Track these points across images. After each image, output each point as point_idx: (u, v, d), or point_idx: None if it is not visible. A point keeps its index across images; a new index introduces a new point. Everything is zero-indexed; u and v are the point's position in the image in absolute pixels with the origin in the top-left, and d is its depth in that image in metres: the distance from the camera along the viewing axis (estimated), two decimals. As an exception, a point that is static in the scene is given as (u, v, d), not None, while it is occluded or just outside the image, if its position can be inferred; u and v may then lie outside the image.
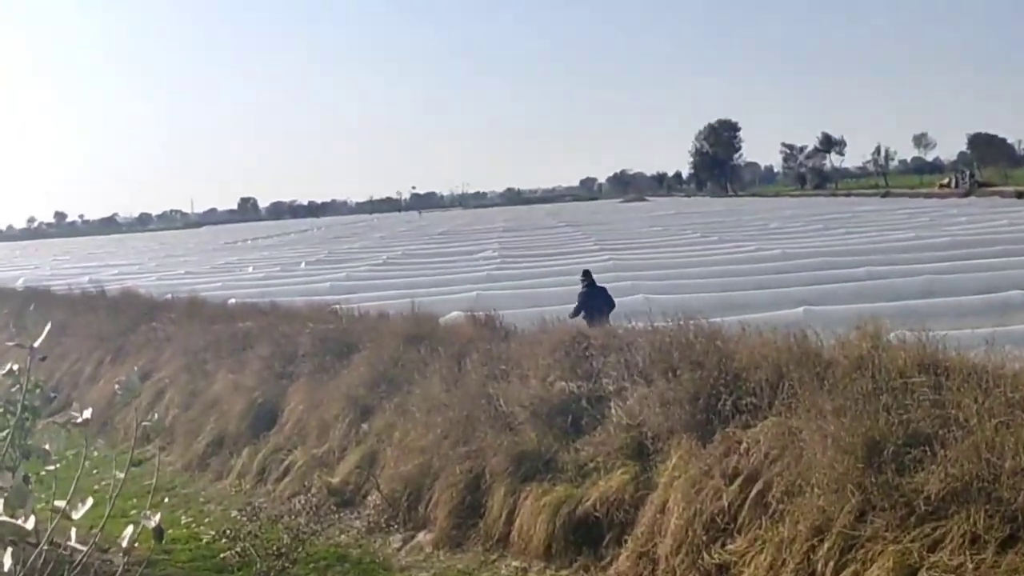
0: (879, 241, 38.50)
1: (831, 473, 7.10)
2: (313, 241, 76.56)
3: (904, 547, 6.46)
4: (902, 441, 7.00)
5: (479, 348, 12.11)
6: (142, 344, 18.73)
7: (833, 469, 7.09)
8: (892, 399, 7.37)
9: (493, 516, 9.71)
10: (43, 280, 37.96)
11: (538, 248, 47.96)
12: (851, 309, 17.43)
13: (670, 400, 9.06)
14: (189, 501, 12.40)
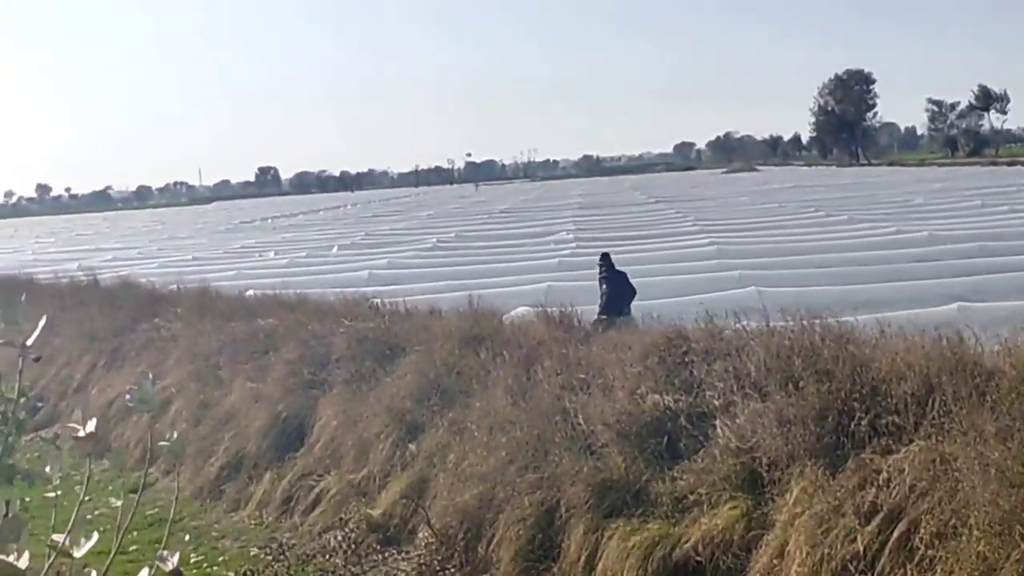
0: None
1: (994, 511, 7.00)
2: (347, 220, 77.21)
3: (1088, 605, 6.36)
4: (1086, 472, 6.89)
5: (552, 352, 12.13)
6: (143, 345, 19.04)
7: (996, 506, 6.99)
8: (1072, 420, 7.25)
9: (570, 559, 9.72)
10: (24, 267, 38.75)
11: (622, 230, 47.80)
12: (1018, 306, 17.14)
13: (791, 419, 8.99)
14: (200, 535, 12.58)
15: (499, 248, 42.07)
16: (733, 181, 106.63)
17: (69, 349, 19.96)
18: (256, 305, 18.90)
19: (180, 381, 16.18)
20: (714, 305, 13.47)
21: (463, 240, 47.63)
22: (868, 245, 33.40)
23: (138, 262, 45.40)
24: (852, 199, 59.60)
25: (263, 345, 16.10)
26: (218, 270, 36.69)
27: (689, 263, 30.54)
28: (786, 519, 8.48)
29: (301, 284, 23.32)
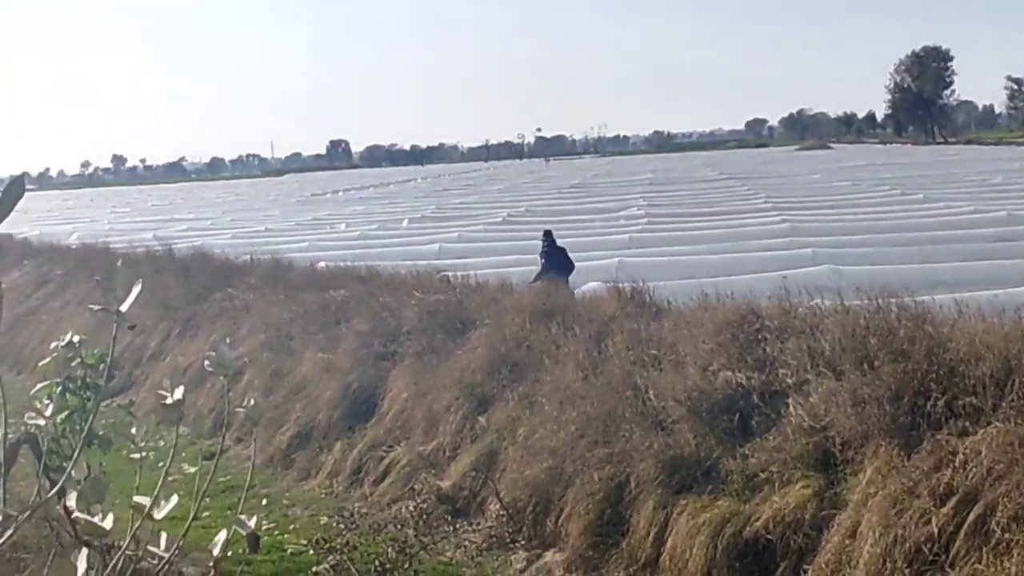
0: None
1: (1075, 496, 6.89)
2: (417, 193, 77.47)
3: None
4: None
5: (623, 328, 12.09)
6: (216, 315, 19.24)
7: (1077, 491, 6.88)
8: None
9: (639, 535, 9.71)
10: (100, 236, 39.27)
11: (694, 206, 47.58)
12: (1098, 288, 16.83)
13: (865, 398, 8.90)
14: (271, 503, 12.71)
15: (569, 223, 41.98)
16: (806, 158, 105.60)
17: (144, 318, 20.20)
18: (327, 276, 19.02)
19: (252, 351, 16.33)
20: (788, 282, 13.34)
21: (533, 214, 47.60)
22: (944, 224, 32.94)
23: (211, 233, 45.88)
24: (928, 177, 58.87)
25: (334, 316, 16.21)
26: (290, 241, 36.98)
27: (761, 240, 30.31)
28: (859, 499, 8.40)
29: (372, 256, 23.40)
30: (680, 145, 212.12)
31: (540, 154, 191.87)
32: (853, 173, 68.23)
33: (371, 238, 39.23)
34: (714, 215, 41.51)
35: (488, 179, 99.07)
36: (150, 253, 25.45)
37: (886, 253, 25.70)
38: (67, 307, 23.71)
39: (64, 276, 26.44)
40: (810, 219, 36.61)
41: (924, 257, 24.70)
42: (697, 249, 29.11)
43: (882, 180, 57.70)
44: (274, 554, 10.81)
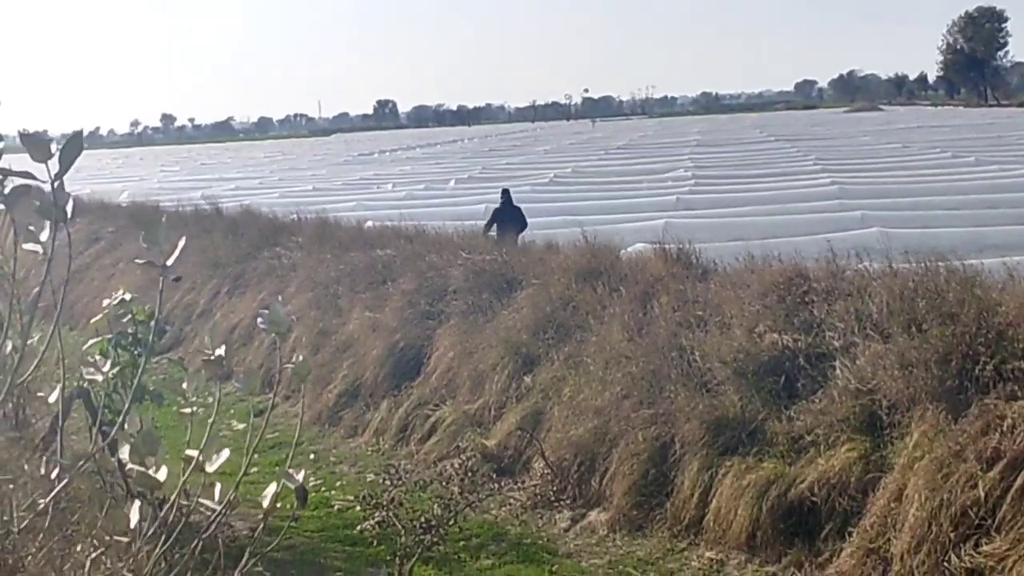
0: None
1: (1124, 461, 6.84)
2: (464, 154, 77.43)
3: None
4: None
5: (669, 289, 12.07)
6: (264, 273, 19.37)
7: None
8: None
9: (683, 495, 9.73)
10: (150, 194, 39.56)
11: (742, 167, 47.29)
12: None
13: (913, 361, 8.85)
14: (318, 460, 12.84)
15: (616, 184, 41.88)
16: (856, 120, 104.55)
17: (193, 275, 20.39)
18: (374, 236, 19.07)
19: (300, 309, 16.44)
20: (835, 245, 13.25)
21: (580, 175, 47.50)
22: (996, 187, 32.55)
23: (259, 192, 46.10)
24: (980, 140, 58.15)
25: (381, 275, 16.27)
26: (337, 201, 37.11)
27: (810, 203, 30.11)
28: (905, 463, 8.38)
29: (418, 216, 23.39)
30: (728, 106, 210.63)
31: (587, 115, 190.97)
32: (904, 135, 67.52)
33: (418, 198, 39.29)
34: (762, 177, 41.24)
35: (535, 140, 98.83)
36: (199, 212, 25.63)
37: (936, 216, 25.44)
38: (118, 264, 23.93)
39: (115, 234, 26.67)
40: (859, 181, 36.29)
41: (974, 221, 24.44)
42: (744, 211, 28.95)
43: (933, 142, 57.08)
44: (321, 510, 10.93)
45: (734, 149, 63.20)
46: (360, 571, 8.48)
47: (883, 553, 8.07)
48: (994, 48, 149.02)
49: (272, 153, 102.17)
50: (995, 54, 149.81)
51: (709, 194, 35.27)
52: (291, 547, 9.41)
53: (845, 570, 8.27)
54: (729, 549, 9.14)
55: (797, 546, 8.78)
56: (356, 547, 9.73)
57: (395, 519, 8.20)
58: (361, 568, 8.69)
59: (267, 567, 8.69)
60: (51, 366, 3.99)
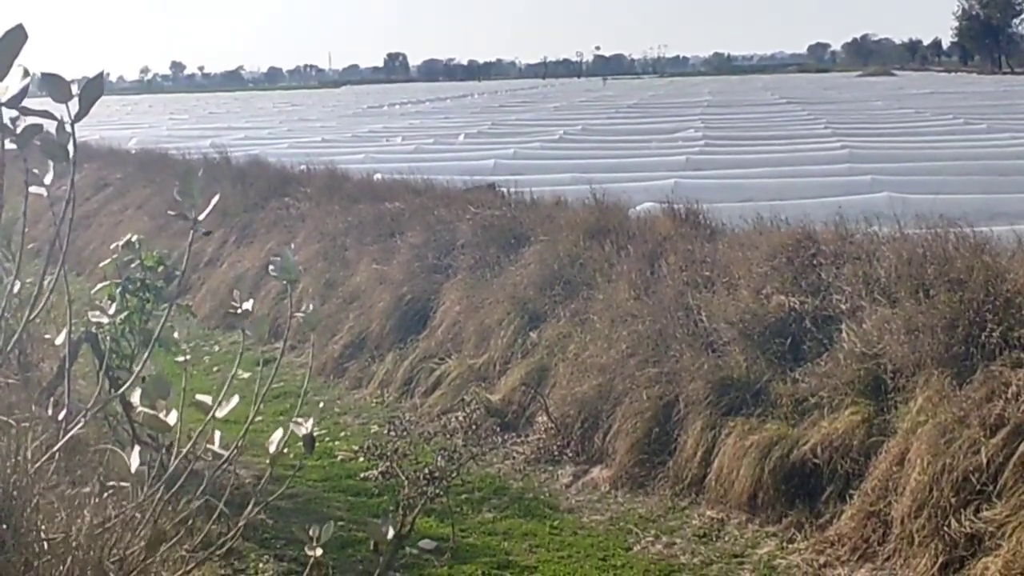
0: None
1: None
2: (474, 109, 77.10)
3: None
4: None
5: (677, 249, 12.06)
6: (272, 223, 19.37)
7: None
8: None
9: (686, 454, 9.77)
10: (159, 142, 39.43)
11: (753, 129, 47.01)
12: None
13: (919, 326, 8.86)
14: (323, 411, 12.88)
15: (626, 143, 41.67)
16: (868, 85, 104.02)
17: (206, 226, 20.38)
18: (383, 188, 19.05)
19: (307, 260, 16.43)
20: (845, 209, 13.21)
21: (590, 133, 47.29)
22: (1008, 155, 32.34)
23: (268, 142, 45.94)
24: (993, 107, 57.79)
25: (389, 228, 16.26)
26: (346, 152, 36.96)
27: (820, 166, 29.93)
28: (908, 427, 8.39)
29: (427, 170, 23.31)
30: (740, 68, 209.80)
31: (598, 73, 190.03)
32: (916, 101, 67.15)
33: (427, 151, 39.14)
34: (773, 139, 41.02)
35: (545, 97, 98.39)
36: (208, 160, 25.58)
37: (947, 182, 25.29)
38: (126, 211, 23.96)
39: (123, 180, 26.67)
40: (871, 146, 36.08)
41: (985, 188, 24.31)
42: (754, 173, 28.79)
43: (946, 109, 56.71)
44: (325, 460, 10.98)
45: (745, 111, 62.88)
46: (364, 521, 8.52)
47: (884, 516, 8.11)
48: (1009, 15, 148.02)
49: (281, 104, 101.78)
50: (1010, 21, 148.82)
51: (719, 155, 35.09)
52: (294, 496, 9.46)
53: (845, 532, 8.31)
54: (730, 509, 9.18)
55: (798, 507, 8.82)
56: (359, 497, 9.79)
57: (398, 470, 8.24)
58: (364, 518, 8.74)
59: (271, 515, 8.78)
60: (59, 310, 3.99)
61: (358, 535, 8.54)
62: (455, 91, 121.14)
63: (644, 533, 9.10)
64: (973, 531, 7.50)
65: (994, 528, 7.39)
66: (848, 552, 8.20)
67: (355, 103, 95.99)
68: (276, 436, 3.29)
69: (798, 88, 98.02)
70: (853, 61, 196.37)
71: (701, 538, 8.97)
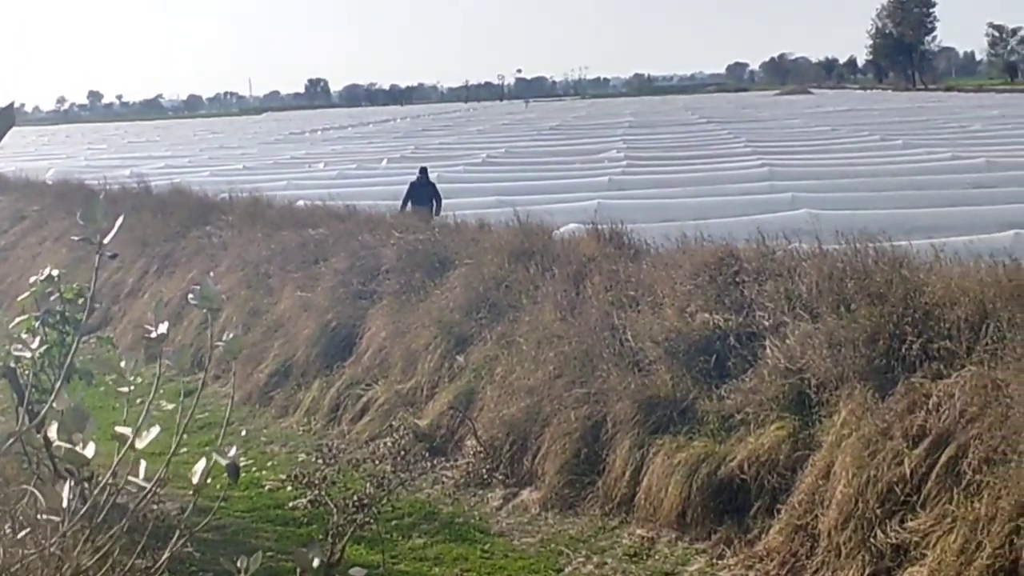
0: (1113, 151, 37.11)
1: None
2: (396, 134, 77.10)
3: None
4: None
5: (602, 269, 12.13)
6: (193, 252, 19.19)
7: (1048, 433, 6.97)
8: None
9: (615, 474, 9.80)
10: (76, 172, 38.96)
11: (674, 149, 47.52)
12: (1075, 236, 16.93)
13: (841, 340, 8.98)
14: (249, 440, 12.75)
15: (549, 165, 41.89)
16: (786, 103, 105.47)
17: (121, 254, 20.15)
18: (306, 215, 18.97)
19: (230, 288, 16.29)
20: (766, 227, 13.38)
21: (513, 156, 47.48)
22: (923, 170, 33.00)
23: (189, 170, 45.60)
24: (908, 123, 58.93)
25: (312, 255, 16.18)
26: (268, 179, 36.77)
27: (741, 184, 30.33)
28: (833, 440, 8.49)
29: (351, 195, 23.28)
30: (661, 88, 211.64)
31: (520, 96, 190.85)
32: (833, 118, 68.21)
33: (350, 177, 39.06)
34: (694, 159, 41.47)
35: (468, 120, 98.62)
36: (127, 190, 25.33)
37: (865, 198, 25.74)
38: (44, 243, 23.60)
39: (41, 212, 26.28)
40: (790, 163, 36.60)
41: (902, 203, 24.75)
42: (676, 192, 29.10)
43: (862, 125, 57.71)
44: (252, 490, 10.86)
45: (666, 131, 63.50)
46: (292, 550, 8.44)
47: (811, 529, 8.19)
48: (922, 33, 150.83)
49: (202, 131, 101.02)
50: (923, 39, 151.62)
51: (641, 175, 35.40)
52: (222, 527, 9.36)
53: (774, 547, 8.38)
54: (660, 527, 9.22)
55: (727, 523, 8.88)
56: (287, 527, 9.69)
57: (327, 498, 8.17)
58: (292, 547, 8.65)
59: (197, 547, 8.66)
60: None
61: (287, 565, 8.43)
62: (377, 116, 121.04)
63: (575, 554, 9.10)
64: (899, 541, 7.60)
65: (919, 538, 7.49)
66: (777, 566, 8.27)
67: (276, 129, 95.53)
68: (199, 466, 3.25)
69: (718, 107, 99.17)
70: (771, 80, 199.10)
71: (632, 557, 8.99)
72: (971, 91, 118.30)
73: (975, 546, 7.07)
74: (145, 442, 3.20)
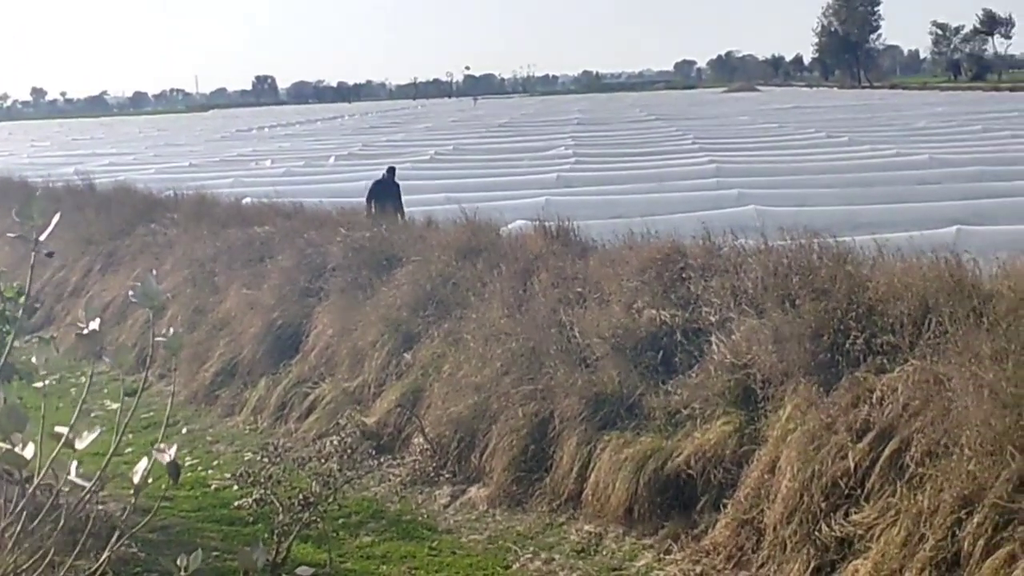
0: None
1: (986, 432, 7.06)
2: (344, 131, 76.87)
3: (1075, 525, 6.44)
4: (1079, 394, 6.93)
5: (549, 266, 12.14)
6: (138, 250, 19.03)
7: (989, 427, 7.06)
8: (1068, 342, 7.28)
9: (562, 470, 9.82)
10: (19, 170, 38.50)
11: (622, 146, 47.70)
12: (1016, 231, 17.17)
13: (786, 336, 9.04)
14: (194, 439, 12.69)
15: (497, 162, 41.94)
16: (734, 100, 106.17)
17: (65, 252, 19.92)
18: (252, 212, 18.86)
19: (176, 286, 16.17)
20: (713, 223, 13.45)
21: (461, 153, 47.48)
22: (868, 167, 33.35)
23: (134, 167, 45.22)
24: (853, 121, 59.47)
25: (259, 252, 16.08)
26: (214, 177, 36.53)
27: (688, 181, 30.50)
28: (778, 435, 8.56)
29: (297, 193, 23.23)
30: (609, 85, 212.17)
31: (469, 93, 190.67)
32: (780, 115, 68.78)
33: (297, 175, 38.91)
34: (642, 155, 41.64)
35: (416, 117, 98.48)
36: (71, 187, 25.07)
37: (810, 194, 25.97)
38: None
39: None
40: (737, 160, 36.85)
41: (847, 199, 25.00)
42: (624, 189, 29.20)
43: (808, 123, 58.18)
44: (197, 489, 10.80)
45: (615, 128, 63.75)
46: (237, 550, 8.39)
47: (757, 524, 8.25)
48: (867, 31, 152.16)
49: (148, 128, 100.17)
50: (868, 37, 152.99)
51: (590, 172, 35.51)
52: (166, 527, 9.28)
53: (720, 541, 8.43)
54: (607, 522, 9.25)
55: (674, 518, 8.93)
56: (233, 526, 9.63)
57: (273, 497, 8.13)
58: (238, 547, 8.61)
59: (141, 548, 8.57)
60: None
61: (233, 564, 8.38)
62: (325, 113, 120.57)
63: (523, 551, 9.11)
64: (843, 535, 7.66)
65: (863, 531, 7.56)
66: (723, 561, 8.32)
67: (223, 127, 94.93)
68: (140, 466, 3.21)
69: (666, 105, 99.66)
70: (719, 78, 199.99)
71: (579, 553, 9.01)
72: (916, 89, 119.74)
73: (918, 538, 7.15)
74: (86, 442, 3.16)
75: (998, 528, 6.78)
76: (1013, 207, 22.47)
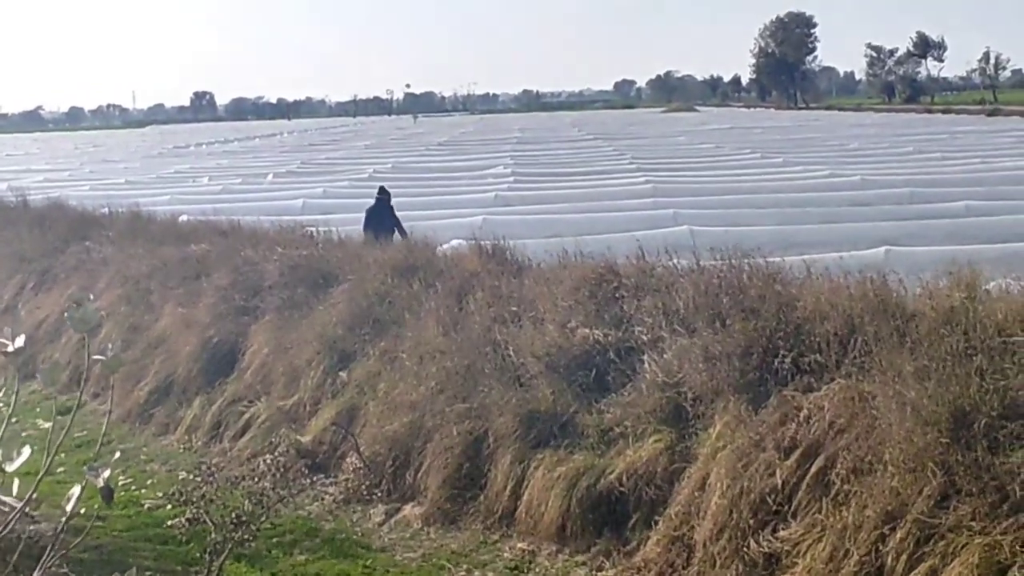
0: (982, 170, 38.31)
1: (909, 448, 7.20)
2: (283, 148, 76.56)
3: (993, 540, 6.58)
4: (997, 412, 7.09)
5: (485, 285, 12.21)
6: (73, 268, 18.88)
7: (911, 444, 7.20)
8: (988, 361, 7.44)
9: (496, 488, 9.88)
10: (-49, 186, 38.03)
11: (560, 165, 47.88)
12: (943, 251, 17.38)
13: (716, 355, 9.16)
14: (128, 459, 12.60)
15: (436, 180, 41.97)
16: (672, 120, 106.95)
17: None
18: (188, 230, 18.79)
19: (110, 304, 16.07)
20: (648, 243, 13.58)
21: (400, 171, 47.43)
22: (801, 187, 33.73)
23: (69, 184, 44.75)
24: (788, 142, 60.15)
25: (195, 270, 16.02)
26: (151, 194, 36.28)
27: (625, 200, 30.72)
28: (708, 452, 8.67)
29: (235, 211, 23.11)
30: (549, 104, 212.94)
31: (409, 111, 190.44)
32: (717, 136, 69.32)
33: (234, 192, 38.73)
34: (580, 175, 41.86)
35: (355, 135, 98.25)
36: (3, 204, 24.84)
37: (744, 215, 26.26)
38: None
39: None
40: (673, 180, 37.14)
41: (781, 219, 25.30)
42: (562, 208, 29.37)
43: (744, 143, 58.78)
44: (130, 509, 10.74)
45: (553, 147, 63.98)
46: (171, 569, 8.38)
47: (687, 540, 8.35)
48: (803, 52, 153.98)
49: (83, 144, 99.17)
50: (804, 58, 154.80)
51: (528, 191, 35.66)
52: (99, 547, 9.23)
53: (651, 558, 8.52)
54: (540, 540, 9.32)
55: (606, 536, 9.01)
56: (167, 546, 9.59)
57: (206, 516, 8.11)
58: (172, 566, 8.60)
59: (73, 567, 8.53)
60: None
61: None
62: (264, 130, 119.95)
63: (457, 568, 9.17)
64: (771, 551, 7.78)
65: (790, 546, 7.68)
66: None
67: (160, 143, 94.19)
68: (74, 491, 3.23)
69: (605, 124, 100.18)
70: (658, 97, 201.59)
71: (512, 570, 9.08)
72: (851, 110, 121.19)
73: (843, 553, 7.28)
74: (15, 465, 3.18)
75: (920, 543, 6.92)
76: (941, 228, 22.88)
